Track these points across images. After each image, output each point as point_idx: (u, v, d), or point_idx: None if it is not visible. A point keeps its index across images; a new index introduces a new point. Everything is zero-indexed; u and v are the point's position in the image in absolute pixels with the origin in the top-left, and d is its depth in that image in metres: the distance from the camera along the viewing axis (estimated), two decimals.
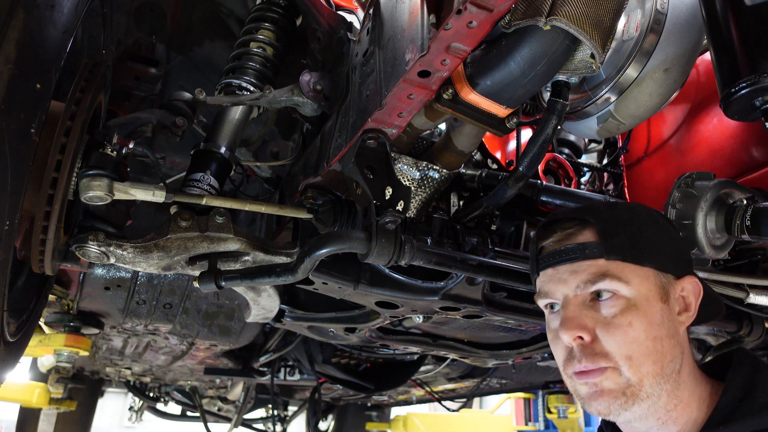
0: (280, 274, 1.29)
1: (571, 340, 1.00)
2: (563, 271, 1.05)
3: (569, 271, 1.04)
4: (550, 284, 1.07)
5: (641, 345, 0.97)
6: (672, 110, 1.87)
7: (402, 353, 2.62)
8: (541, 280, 1.10)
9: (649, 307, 0.99)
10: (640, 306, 0.99)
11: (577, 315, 1.00)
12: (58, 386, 4.18)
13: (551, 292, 1.06)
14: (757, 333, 1.90)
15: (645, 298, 1.00)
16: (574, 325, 0.99)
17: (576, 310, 1.01)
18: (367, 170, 1.21)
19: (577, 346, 1.00)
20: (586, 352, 0.98)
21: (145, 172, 1.96)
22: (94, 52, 1.54)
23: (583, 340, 0.99)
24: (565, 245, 1.06)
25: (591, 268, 1.02)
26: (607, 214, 1.07)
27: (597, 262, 1.01)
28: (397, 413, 6.07)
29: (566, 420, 4.51)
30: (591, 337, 0.98)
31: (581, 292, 1.02)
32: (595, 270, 1.01)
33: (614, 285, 0.99)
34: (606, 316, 0.99)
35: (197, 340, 2.70)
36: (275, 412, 5.16)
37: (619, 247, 1.02)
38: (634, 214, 1.09)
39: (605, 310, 0.99)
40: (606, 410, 0.97)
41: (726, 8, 1.19)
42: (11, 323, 1.28)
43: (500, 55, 1.08)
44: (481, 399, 9.94)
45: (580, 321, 0.99)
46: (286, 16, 1.61)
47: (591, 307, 1.01)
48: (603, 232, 1.03)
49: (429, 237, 1.39)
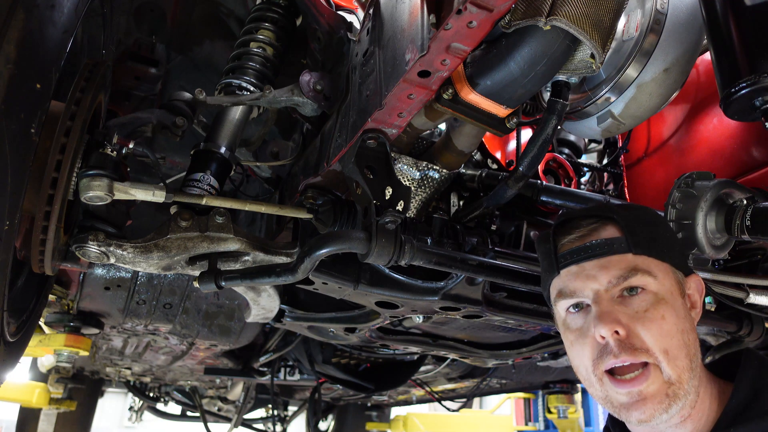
0: (280, 274, 1.29)
1: (610, 334, 0.97)
2: (590, 267, 1.03)
3: (598, 266, 1.02)
4: (577, 282, 1.04)
5: (674, 338, 0.97)
6: (672, 110, 1.87)
7: (402, 353, 2.62)
8: (564, 278, 1.07)
9: (675, 301, 1.00)
10: (668, 300, 0.99)
11: (611, 309, 0.99)
12: (58, 386, 4.18)
13: (579, 290, 1.03)
14: (757, 333, 1.90)
15: (670, 292, 1.01)
16: (611, 319, 0.97)
17: (609, 304, 1.00)
18: (367, 170, 1.21)
19: (614, 341, 0.97)
20: (624, 346, 0.96)
21: (145, 172, 1.96)
22: (94, 52, 1.54)
23: (619, 334, 0.97)
24: (589, 241, 1.04)
25: (621, 263, 1.01)
26: (624, 212, 1.08)
27: (625, 257, 1.01)
28: (397, 413, 6.07)
29: (566, 420, 4.51)
30: (626, 331, 0.97)
31: (612, 287, 1.00)
32: (625, 265, 1.00)
33: (645, 279, 0.99)
34: (638, 311, 0.98)
35: (197, 340, 2.70)
36: (275, 412, 5.16)
37: (644, 243, 1.02)
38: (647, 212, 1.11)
39: (637, 304, 0.99)
40: (649, 417, 0.95)
41: (726, 8, 1.19)
42: (11, 323, 1.28)
43: (500, 55, 1.08)
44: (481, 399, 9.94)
45: (616, 315, 0.98)
46: (286, 16, 1.61)
47: (621, 302, 1.00)
48: (628, 228, 1.04)
49: (429, 237, 1.39)
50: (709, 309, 1.89)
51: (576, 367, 1.05)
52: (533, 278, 1.45)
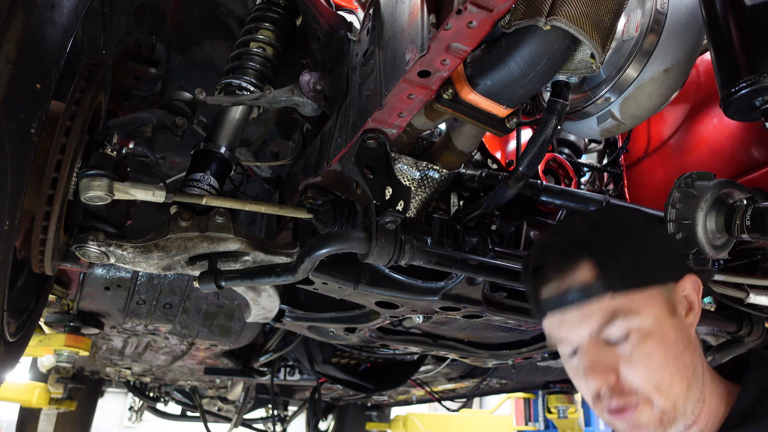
0: (280, 274, 1.29)
1: (599, 385, 0.98)
2: (571, 318, 1.01)
3: (578, 316, 1.01)
4: (562, 331, 1.04)
5: (665, 370, 0.95)
6: (672, 110, 1.87)
7: (402, 353, 2.62)
8: (549, 325, 1.07)
9: (662, 329, 0.97)
10: (654, 332, 0.97)
11: (598, 359, 0.98)
12: (58, 386, 4.18)
13: (565, 339, 1.04)
14: (757, 333, 1.90)
15: (657, 322, 0.97)
16: (598, 371, 0.97)
17: (595, 353, 0.99)
18: (367, 170, 1.21)
19: (605, 388, 0.98)
20: (615, 391, 0.97)
21: (145, 172, 1.96)
22: (94, 52, 1.54)
23: (609, 381, 0.97)
24: (565, 289, 1.01)
25: (599, 310, 0.98)
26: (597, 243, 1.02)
27: (603, 301, 0.98)
28: (397, 413, 6.07)
29: (566, 420, 4.51)
30: (616, 375, 0.97)
31: (596, 335, 0.99)
32: (604, 311, 0.98)
33: (626, 322, 0.97)
34: (624, 353, 0.97)
35: (197, 340, 2.70)
36: (275, 412, 5.16)
37: (621, 279, 0.98)
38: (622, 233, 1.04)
39: (622, 347, 0.97)
40: None
41: (726, 8, 1.19)
42: (11, 323, 1.28)
43: (500, 55, 1.08)
44: (481, 399, 9.94)
45: (604, 365, 0.97)
46: (286, 16, 1.61)
47: (607, 344, 0.99)
48: (602, 266, 0.99)
49: (429, 237, 1.39)
50: (709, 309, 1.89)
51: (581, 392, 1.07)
52: None
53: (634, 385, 0.96)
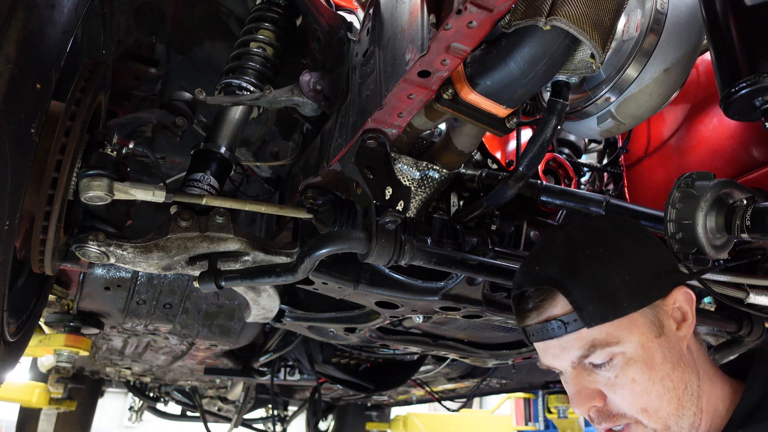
0: (280, 274, 1.29)
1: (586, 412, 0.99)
2: (553, 347, 1.03)
3: (558, 347, 1.02)
4: (547, 358, 1.06)
5: (651, 393, 0.95)
6: (672, 110, 1.87)
7: (402, 353, 2.62)
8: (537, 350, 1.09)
9: (647, 353, 0.97)
10: (637, 357, 0.96)
11: (583, 387, 1.00)
12: (58, 386, 4.18)
13: (551, 365, 1.07)
14: (757, 333, 1.90)
15: (639, 346, 0.97)
16: (583, 399, 0.99)
17: (580, 381, 1.00)
18: (367, 170, 1.21)
19: (593, 413, 0.99)
20: (603, 415, 0.98)
21: (145, 172, 1.96)
22: (94, 52, 1.54)
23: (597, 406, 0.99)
24: (543, 322, 1.03)
25: (578, 343, 0.99)
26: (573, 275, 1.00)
27: (581, 334, 0.99)
28: (397, 413, 6.07)
29: (566, 420, 4.51)
30: (603, 400, 0.98)
31: (578, 364, 1.01)
32: (582, 343, 0.99)
33: (605, 351, 0.97)
34: (608, 378, 0.98)
35: (197, 340, 2.70)
36: (275, 412, 5.16)
37: (596, 313, 0.97)
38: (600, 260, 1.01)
39: (605, 373, 0.98)
40: None
41: (726, 8, 1.19)
42: (11, 323, 1.28)
43: (500, 55, 1.08)
44: (481, 399, 9.94)
45: (588, 393, 0.99)
46: (286, 16, 1.61)
47: (592, 371, 1.00)
48: (575, 302, 0.98)
49: (429, 237, 1.39)
50: (709, 309, 1.89)
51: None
52: None
53: (621, 410, 0.97)
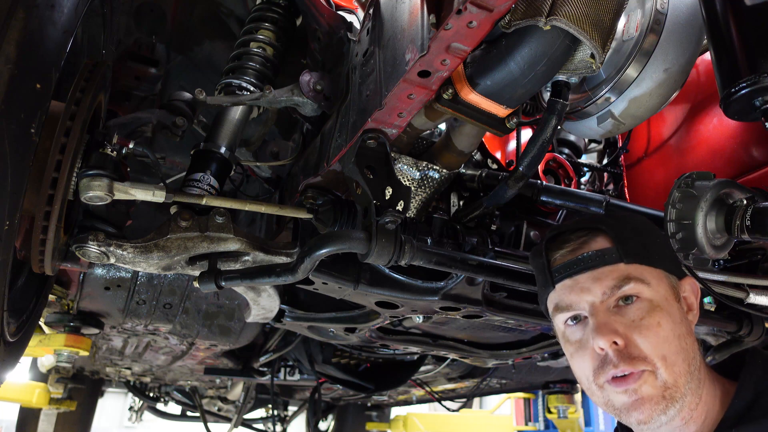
0: (280, 274, 1.29)
1: (609, 346, 0.99)
2: (584, 280, 1.04)
3: (591, 278, 1.03)
4: (572, 295, 1.05)
5: (672, 344, 0.98)
6: (672, 110, 1.87)
7: (402, 353, 2.62)
8: (559, 292, 1.08)
9: (670, 307, 1.01)
10: (663, 306, 1.00)
11: (608, 320, 1.00)
12: (58, 386, 4.18)
13: (574, 303, 1.05)
14: (757, 333, 1.90)
15: (665, 298, 1.01)
16: (609, 330, 0.99)
17: (606, 316, 1.01)
18: (367, 170, 1.21)
19: (612, 351, 0.99)
20: (622, 356, 0.98)
21: (145, 172, 1.96)
22: (94, 52, 1.54)
23: (618, 345, 0.98)
24: (581, 254, 1.06)
25: (613, 273, 1.02)
26: (613, 222, 1.09)
27: (618, 267, 1.02)
28: (397, 413, 6.07)
29: (566, 420, 4.51)
30: (624, 341, 0.98)
31: (607, 298, 1.02)
32: (618, 275, 1.02)
33: (638, 287, 1.00)
34: (635, 319, 0.99)
35: (197, 340, 2.70)
36: (275, 412, 5.16)
37: (635, 251, 1.03)
38: (636, 220, 1.12)
39: (632, 313, 1.00)
40: (648, 417, 0.96)
41: (726, 8, 1.19)
42: (11, 323, 1.28)
43: (500, 55, 1.08)
44: (481, 399, 9.94)
45: (613, 326, 0.99)
46: (286, 16, 1.61)
47: (617, 312, 1.01)
48: (617, 238, 1.04)
49: (429, 237, 1.39)
50: (709, 309, 1.89)
51: (578, 377, 1.07)
52: (533, 278, 1.45)
53: (643, 351, 0.97)
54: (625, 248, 1.03)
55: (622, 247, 1.03)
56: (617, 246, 1.04)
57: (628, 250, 1.03)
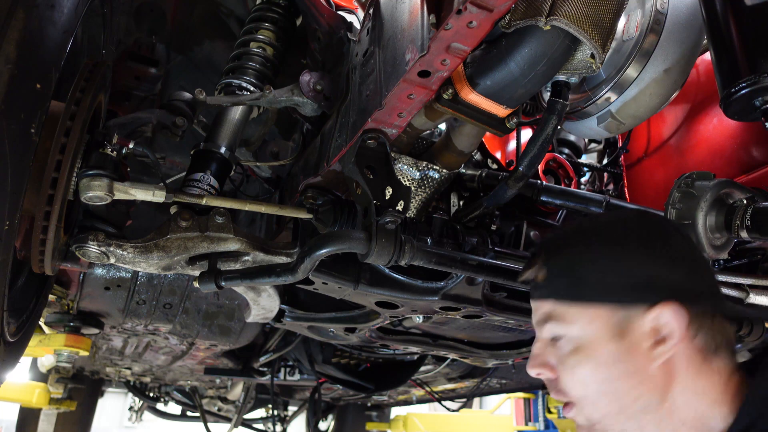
0: (280, 274, 1.29)
1: (536, 375, 1.03)
2: (533, 307, 1.08)
3: (533, 307, 1.07)
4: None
5: (589, 387, 0.96)
6: (672, 110, 1.87)
7: (402, 353, 2.62)
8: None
9: (596, 350, 0.96)
10: (586, 348, 0.96)
11: (540, 353, 1.03)
12: (58, 386, 4.18)
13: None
14: (757, 333, 1.89)
15: (591, 340, 0.96)
16: (535, 363, 1.03)
17: (540, 347, 1.03)
18: (367, 170, 1.21)
19: (545, 380, 1.03)
20: (551, 386, 1.01)
21: (145, 172, 1.96)
22: (94, 52, 1.54)
23: (549, 376, 1.01)
24: (531, 280, 1.07)
25: (540, 309, 1.03)
26: (553, 252, 1.04)
27: (545, 303, 1.02)
28: (397, 413, 6.07)
29: (566, 420, 4.51)
30: (554, 374, 1.00)
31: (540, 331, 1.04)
32: (542, 312, 1.02)
33: (558, 328, 0.99)
34: (560, 356, 0.99)
35: (197, 340, 2.70)
36: (275, 412, 5.16)
37: (561, 288, 1.00)
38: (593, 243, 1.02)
39: (559, 350, 1.00)
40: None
41: (726, 8, 1.19)
42: (11, 323, 1.28)
43: (500, 55, 1.08)
44: (481, 399, 9.94)
45: (542, 359, 1.02)
46: (286, 16, 1.61)
47: (553, 344, 1.02)
48: (549, 272, 1.02)
49: (429, 237, 1.39)
50: None
51: None
52: None
53: (566, 388, 0.99)
54: (552, 285, 1.01)
55: (549, 284, 1.02)
56: (547, 281, 1.02)
57: (554, 288, 1.01)
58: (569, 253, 1.03)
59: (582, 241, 1.04)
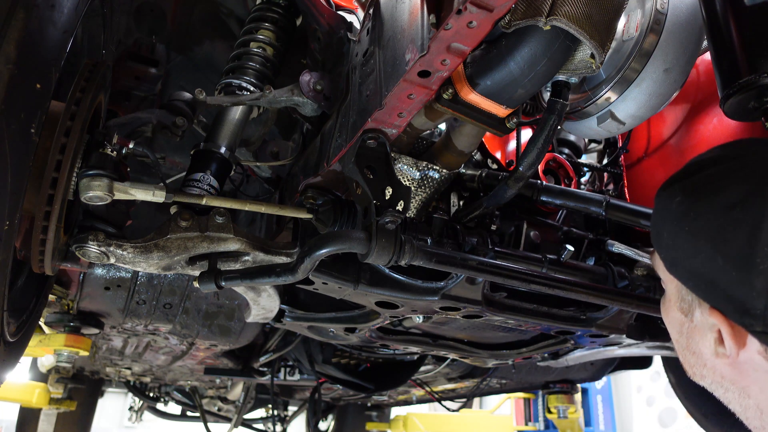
0: (280, 274, 1.29)
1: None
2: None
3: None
4: None
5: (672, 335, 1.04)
6: (672, 110, 1.87)
7: (402, 353, 2.62)
8: None
9: (669, 310, 1.03)
10: (666, 301, 1.05)
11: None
12: (58, 386, 4.17)
13: None
14: None
15: (668, 298, 1.04)
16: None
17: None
18: (367, 170, 1.21)
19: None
20: None
21: (145, 172, 1.96)
22: (94, 52, 1.54)
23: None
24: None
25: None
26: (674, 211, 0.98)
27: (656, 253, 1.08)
28: (397, 413, 6.07)
29: (566, 420, 4.50)
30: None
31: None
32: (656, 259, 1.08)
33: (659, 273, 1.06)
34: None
35: (197, 340, 2.70)
36: (275, 412, 5.16)
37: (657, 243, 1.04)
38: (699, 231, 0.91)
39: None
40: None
41: (726, 8, 1.19)
42: (11, 323, 1.28)
43: (500, 55, 1.08)
44: (481, 399, 9.93)
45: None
46: (286, 16, 1.61)
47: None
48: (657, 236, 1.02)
49: (429, 237, 1.39)
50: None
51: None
52: (533, 278, 1.45)
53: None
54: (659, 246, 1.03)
55: (658, 244, 1.04)
56: (657, 242, 1.04)
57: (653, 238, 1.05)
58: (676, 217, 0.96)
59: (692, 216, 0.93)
